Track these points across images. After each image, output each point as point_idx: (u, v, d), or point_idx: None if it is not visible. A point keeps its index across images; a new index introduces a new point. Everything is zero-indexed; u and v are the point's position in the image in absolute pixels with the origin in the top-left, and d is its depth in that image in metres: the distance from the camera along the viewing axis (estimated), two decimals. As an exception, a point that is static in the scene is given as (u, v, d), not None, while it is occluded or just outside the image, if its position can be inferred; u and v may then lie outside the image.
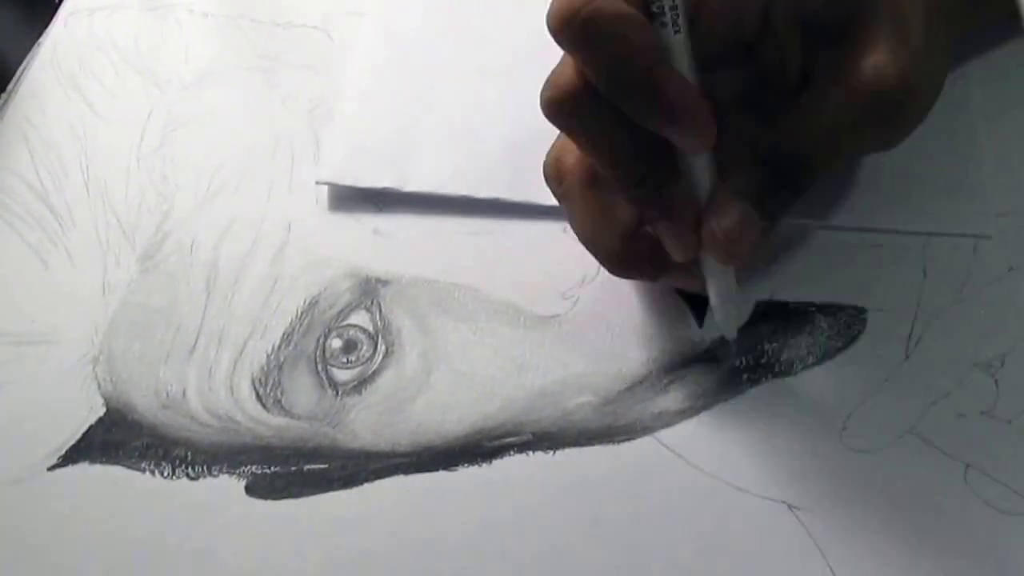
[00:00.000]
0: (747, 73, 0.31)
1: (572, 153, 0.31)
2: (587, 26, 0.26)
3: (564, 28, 0.26)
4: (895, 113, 0.29)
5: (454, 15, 0.43)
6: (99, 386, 0.35)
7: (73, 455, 0.34)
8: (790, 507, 0.30)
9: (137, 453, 0.34)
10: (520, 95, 0.39)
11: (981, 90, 0.37)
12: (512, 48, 0.41)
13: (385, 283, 0.36)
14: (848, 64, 0.28)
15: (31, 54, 0.45)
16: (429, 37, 0.42)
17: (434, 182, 0.38)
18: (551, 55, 0.42)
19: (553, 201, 0.35)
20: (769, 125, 0.29)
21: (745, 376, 0.33)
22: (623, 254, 0.31)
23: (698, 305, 0.34)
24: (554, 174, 0.32)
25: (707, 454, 0.32)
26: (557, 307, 0.35)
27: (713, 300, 0.32)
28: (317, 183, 0.39)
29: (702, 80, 0.28)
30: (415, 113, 0.40)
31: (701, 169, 0.29)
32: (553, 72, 0.28)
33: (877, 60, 0.28)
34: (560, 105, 0.28)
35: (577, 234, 0.32)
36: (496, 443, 0.33)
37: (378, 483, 0.32)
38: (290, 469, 0.33)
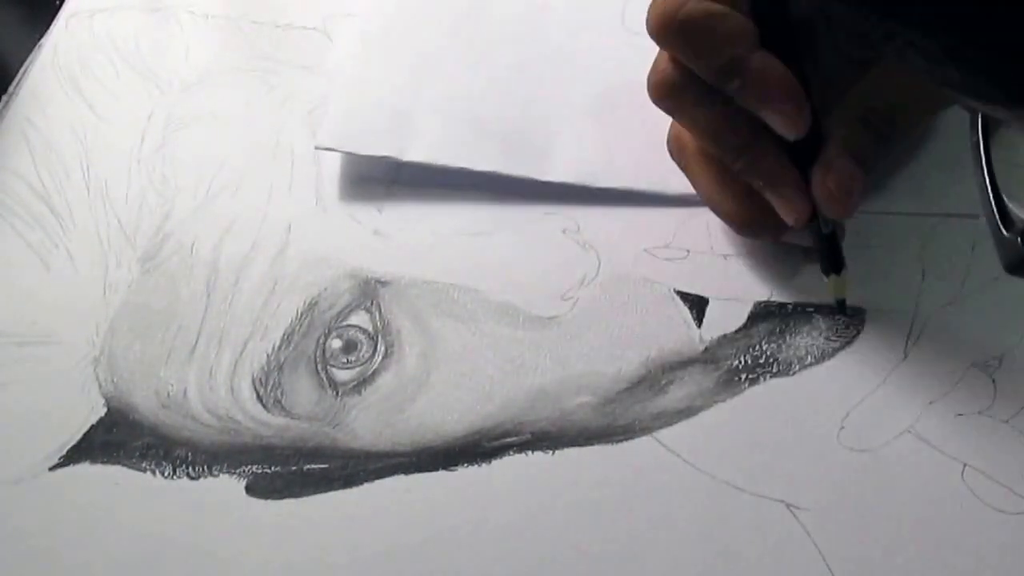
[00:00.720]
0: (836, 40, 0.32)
1: None
2: (682, 28, 0.29)
3: (662, 33, 0.29)
4: None
5: None
6: (100, 386, 0.35)
7: (74, 455, 0.34)
8: (788, 506, 0.31)
9: (138, 453, 0.34)
10: (520, 70, 0.40)
11: None
12: (511, 22, 0.42)
13: (385, 284, 0.36)
14: None
15: (32, 55, 0.45)
16: (429, 9, 0.43)
17: (432, 153, 0.38)
18: (550, 31, 0.42)
19: (549, 177, 0.35)
20: (863, 82, 0.31)
21: (744, 376, 0.33)
22: (744, 215, 0.33)
23: (697, 305, 0.34)
24: (675, 149, 0.34)
25: (706, 454, 0.32)
26: (556, 308, 0.35)
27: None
28: (316, 148, 0.39)
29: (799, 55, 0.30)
30: (416, 85, 0.40)
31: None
32: (656, 57, 0.31)
33: None
34: (661, 88, 0.31)
35: (702, 199, 0.34)
36: (495, 443, 0.33)
37: (378, 483, 0.32)
38: (290, 469, 0.33)
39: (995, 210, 0.30)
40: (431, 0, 0.43)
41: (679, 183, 0.36)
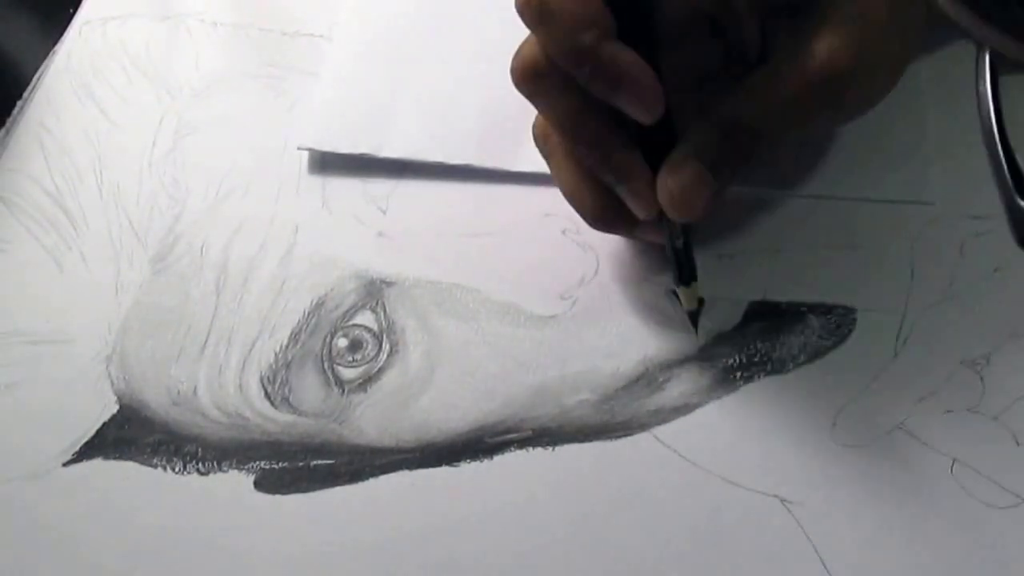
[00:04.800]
0: (712, 47, 0.33)
1: None
2: (539, 9, 0.29)
3: (524, 9, 0.29)
4: (846, 96, 0.30)
5: None
6: (112, 384, 0.36)
7: (87, 451, 0.34)
8: (782, 501, 0.31)
9: (149, 449, 0.34)
10: (493, 67, 0.40)
11: (930, 74, 0.38)
12: (486, 20, 0.42)
13: (389, 284, 0.37)
14: (804, 42, 0.30)
15: (46, 62, 0.45)
16: (407, 11, 0.43)
17: (409, 149, 0.39)
18: (524, 27, 0.43)
19: (519, 168, 0.37)
20: (733, 93, 0.31)
21: (739, 374, 0.33)
22: (600, 209, 0.33)
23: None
24: (540, 134, 0.34)
25: (702, 450, 0.32)
26: (556, 307, 0.36)
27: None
28: (298, 148, 0.40)
29: (669, 53, 0.30)
30: (392, 83, 0.41)
31: (653, 134, 0.31)
32: (522, 44, 0.31)
33: (833, 42, 0.29)
34: (523, 73, 0.31)
35: (560, 189, 0.34)
36: (497, 439, 0.33)
37: (383, 478, 0.33)
38: (298, 464, 0.34)
39: (1007, 171, 0.28)
40: (407, 2, 0.44)
41: None
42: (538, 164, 0.37)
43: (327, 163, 0.40)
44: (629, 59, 0.29)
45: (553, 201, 0.37)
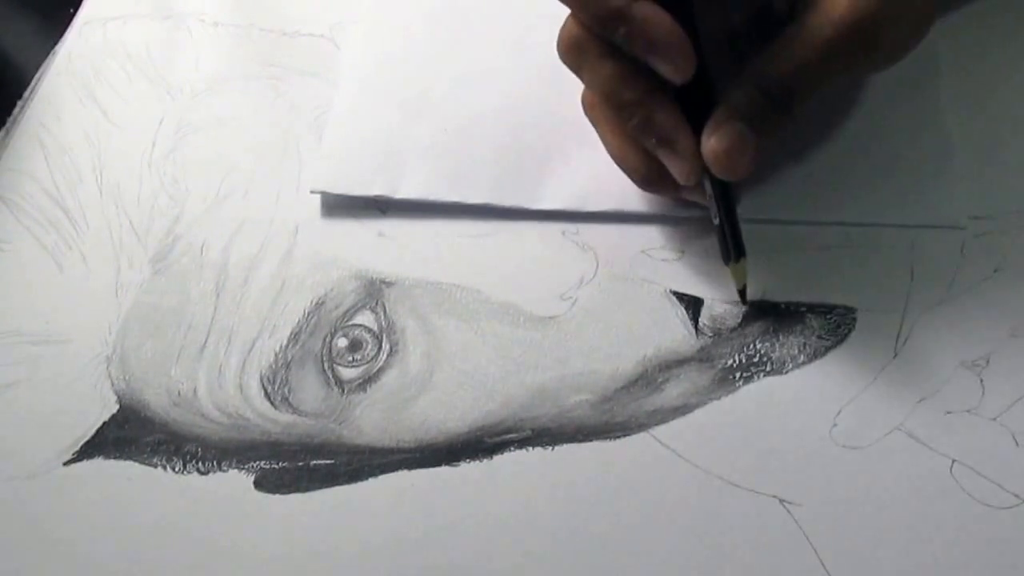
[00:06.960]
0: (747, 7, 0.34)
1: None
2: None
3: None
4: (872, 41, 0.31)
5: (441, 24, 0.44)
6: (112, 384, 0.36)
7: (87, 451, 0.35)
8: (781, 502, 0.31)
9: (149, 449, 0.34)
10: (507, 101, 0.40)
11: (951, 81, 0.38)
12: (499, 55, 0.42)
13: (389, 284, 0.37)
14: None
15: (47, 62, 0.45)
16: (417, 46, 0.43)
17: (424, 189, 0.39)
18: (537, 61, 0.43)
19: (540, 205, 0.36)
20: (766, 50, 0.32)
21: (738, 374, 0.33)
22: (646, 172, 0.34)
23: (692, 305, 0.35)
24: (587, 105, 0.35)
25: (701, 450, 0.32)
26: (556, 308, 0.36)
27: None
28: (311, 192, 0.39)
29: (702, 13, 0.31)
30: (405, 121, 0.41)
31: (693, 98, 0.32)
32: (565, 20, 0.32)
33: None
34: (567, 45, 0.33)
35: (609, 154, 0.35)
36: (496, 439, 0.33)
37: (382, 478, 0.33)
38: (297, 464, 0.34)
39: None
40: (417, 37, 0.43)
41: (666, 201, 0.37)
42: (558, 201, 0.37)
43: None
44: (659, 18, 0.30)
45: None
